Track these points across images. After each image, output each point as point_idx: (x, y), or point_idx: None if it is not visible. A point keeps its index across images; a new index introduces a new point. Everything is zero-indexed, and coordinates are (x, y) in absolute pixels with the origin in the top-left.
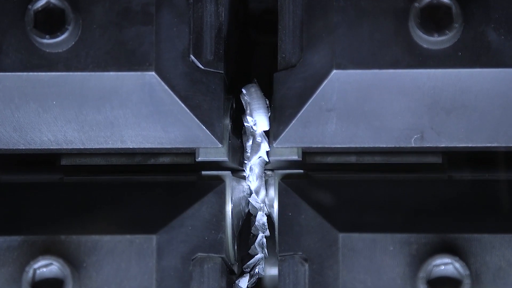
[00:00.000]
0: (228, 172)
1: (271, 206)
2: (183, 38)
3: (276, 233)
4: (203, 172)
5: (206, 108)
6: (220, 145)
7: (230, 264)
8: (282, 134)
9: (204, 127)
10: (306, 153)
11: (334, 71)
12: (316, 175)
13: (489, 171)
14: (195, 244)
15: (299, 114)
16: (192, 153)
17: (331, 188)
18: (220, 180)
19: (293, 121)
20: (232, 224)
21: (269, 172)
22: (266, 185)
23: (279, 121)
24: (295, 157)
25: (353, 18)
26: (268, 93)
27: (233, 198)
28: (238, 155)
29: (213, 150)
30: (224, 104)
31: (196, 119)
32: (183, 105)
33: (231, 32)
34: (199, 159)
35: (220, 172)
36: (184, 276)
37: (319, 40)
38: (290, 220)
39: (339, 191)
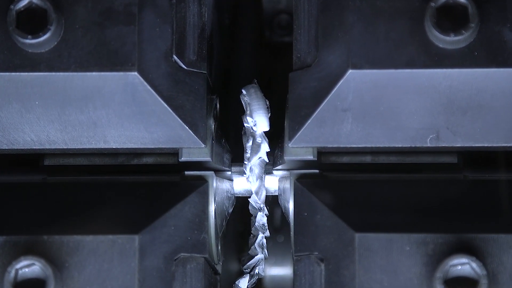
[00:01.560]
0: (211, 172)
1: (287, 209)
2: (166, 38)
3: (292, 233)
4: (186, 172)
5: (189, 108)
6: (203, 145)
7: (214, 264)
8: (298, 134)
9: (187, 127)
10: (321, 153)
11: (350, 70)
12: (332, 175)
13: (505, 171)
14: (178, 244)
15: (314, 114)
16: (175, 153)
17: (347, 188)
18: (203, 180)
19: (309, 121)
20: (216, 224)
21: (284, 173)
22: (282, 185)
23: (294, 121)
24: (310, 157)
25: (368, 17)
26: (267, 94)
27: (216, 198)
28: (222, 155)
29: (196, 150)
30: (207, 104)
31: (179, 119)
32: (166, 105)
33: (215, 32)
34: (182, 159)
35: (203, 172)
36: (166, 276)
37: (335, 39)
38: (306, 220)
39: (354, 191)
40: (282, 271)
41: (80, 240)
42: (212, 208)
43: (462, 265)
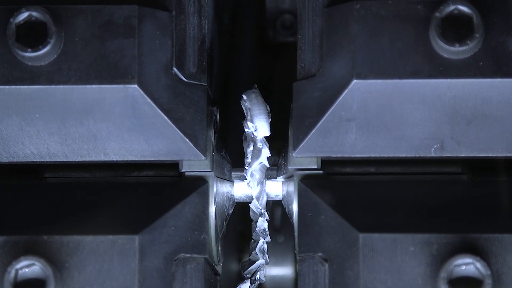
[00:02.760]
0: (211, 173)
1: (291, 211)
2: (166, 50)
3: (296, 233)
4: (186, 173)
5: (189, 121)
6: (203, 158)
7: (214, 264)
8: (302, 144)
9: (187, 140)
10: (326, 162)
11: (355, 80)
12: (336, 176)
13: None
14: (178, 244)
15: (318, 124)
16: (175, 165)
17: (351, 189)
18: (203, 181)
19: (313, 131)
20: (216, 225)
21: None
22: (285, 186)
23: (298, 131)
24: (314, 167)
25: (373, 27)
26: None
27: (216, 199)
28: (223, 166)
29: (196, 162)
30: (208, 116)
31: (179, 132)
32: (166, 117)
33: (215, 44)
34: (183, 171)
35: (203, 172)
36: (166, 277)
37: (339, 49)
38: (310, 221)
39: (358, 191)
40: (282, 271)
41: (80, 240)
42: (212, 208)
43: (467, 265)
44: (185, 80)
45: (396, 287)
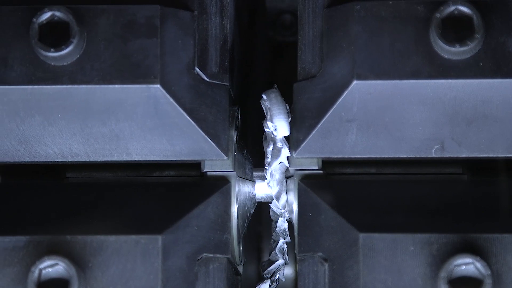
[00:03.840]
0: (234, 173)
1: (291, 211)
2: (188, 50)
3: (296, 233)
4: (209, 172)
5: (212, 121)
6: (225, 158)
7: (236, 264)
8: (302, 145)
9: (210, 140)
10: (326, 163)
11: (355, 81)
12: (336, 175)
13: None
14: (201, 244)
15: (319, 125)
16: (197, 165)
17: (351, 188)
18: (225, 181)
19: (313, 132)
20: (238, 225)
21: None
22: (286, 190)
23: (299, 132)
24: (315, 167)
25: (373, 28)
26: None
27: (238, 199)
28: (244, 166)
29: (218, 162)
30: (229, 116)
31: (201, 132)
32: (188, 117)
33: (236, 43)
34: (205, 171)
35: (225, 172)
36: (189, 277)
37: (339, 50)
38: (310, 221)
39: (358, 191)
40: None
41: (103, 240)
42: (234, 208)
43: (467, 265)
44: (207, 80)
45: (396, 287)
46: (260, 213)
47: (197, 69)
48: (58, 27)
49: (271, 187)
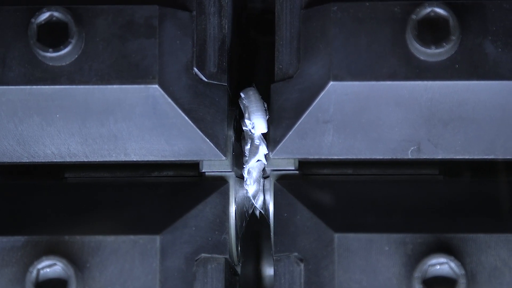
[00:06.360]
0: (232, 173)
1: (267, 206)
2: (187, 50)
3: (272, 233)
4: (207, 173)
5: (210, 121)
6: (224, 158)
7: (234, 265)
8: (279, 145)
9: (208, 140)
10: (303, 164)
11: (331, 82)
12: (312, 176)
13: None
14: (199, 244)
15: (296, 126)
16: (196, 165)
17: (327, 189)
18: (223, 181)
19: (290, 132)
20: (236, 225)
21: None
22: (263, 191)
23: (276, 132)
24: (291, 168)
25: (350, 29)
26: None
27: (236, 199)
28: (241, 164)
29: (217, 162)
30: (228, 116)
31: (199, 132)
32: (186, 117)
33: (234, 43)
34: (203, 171)
35: (223, 172)
36: (187, 277)
37: (316, 51)
38: (286, 221)
39: (334, 191)
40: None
41: (101, 240)
42: (232, 208)
43: (441, 265)
44: (206, 80)
45: (371, 287)
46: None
47: (195, 69)
48: (57, 27)
49: (248, 186)
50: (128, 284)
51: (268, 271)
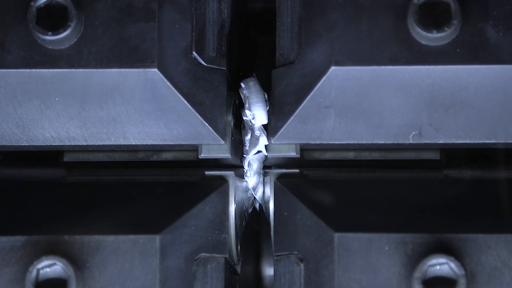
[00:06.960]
0: (231, 172)
1: (267, 205)
2: (186, 34)
3: (272, 233)
4: (206, 172)
5: (209, 105)
6: (222, 142)
7: (233, 264)
8: (280, 131)
9: (207, 124)
10: (304, 149)
11: (333, 67)
12: (312, 174)
13: (487, 168)
14: (199, 244)
15: (297, 111)
16: (194, 149)
17: (327, 188)
18: (223, 180)
19: (291, 118)
20: (235, 224)
21: (267, 171)
22: (263, 183)
23: (277, 118)
24: (293, 154)
25: (351, 14)
26: (268, 88)
27: (236, 198)
28: (241, 151)
29: (215, 146)
30: (227, 100)
31: (198, 116)
32: (185, 101)
33: (233, 28)
34: (202, 155)
35: (223, 172)
36: (187, 276)
37: (318, 36)
38: (286, 220)
39: (335, 190)
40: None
41: (101, 240)
42: (232, 208)
43: (441, 265)
44: (205, 64)
45: (371, 287)
46: (258, 212)
47: (194, 53)
48: (56, 11)
49: (248, 177)
50: (128, 283)
51: (268, 270)
